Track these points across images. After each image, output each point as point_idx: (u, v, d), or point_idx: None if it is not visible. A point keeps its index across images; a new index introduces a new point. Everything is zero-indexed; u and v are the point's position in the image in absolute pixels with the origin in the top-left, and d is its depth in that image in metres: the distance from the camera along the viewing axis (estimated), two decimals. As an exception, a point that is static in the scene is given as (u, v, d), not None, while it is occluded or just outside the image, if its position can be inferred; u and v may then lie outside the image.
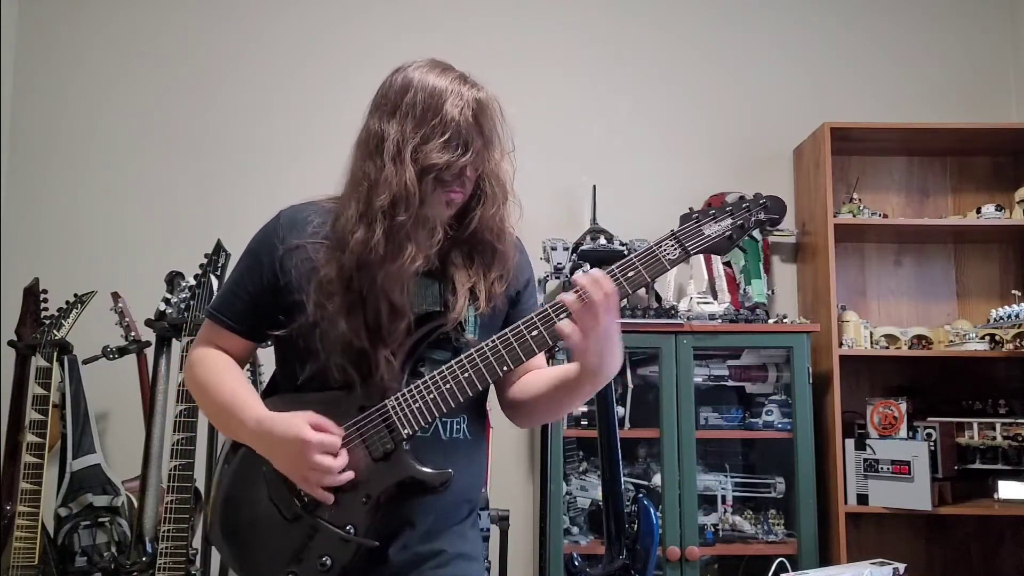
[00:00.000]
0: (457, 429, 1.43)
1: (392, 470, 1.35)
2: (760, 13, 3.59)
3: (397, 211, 1.34)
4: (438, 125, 1.35)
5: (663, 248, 1.35)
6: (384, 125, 1.38)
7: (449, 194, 1.39)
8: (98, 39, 3.50)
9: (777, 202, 1.39)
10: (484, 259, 1.45)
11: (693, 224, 1.36)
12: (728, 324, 3.04)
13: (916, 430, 3.07)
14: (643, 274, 1.35)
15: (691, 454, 2.94)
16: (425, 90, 1.37)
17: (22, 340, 2.82)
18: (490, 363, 1.35)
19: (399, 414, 1.35)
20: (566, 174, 3.43)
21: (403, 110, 1.37)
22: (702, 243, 1.36)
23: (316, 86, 3.46)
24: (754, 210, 1.38)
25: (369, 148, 1.39)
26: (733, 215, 1.37)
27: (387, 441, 1.35)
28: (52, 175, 3.43)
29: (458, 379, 1.35)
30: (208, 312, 1.50)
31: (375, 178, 1.36)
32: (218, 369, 1.45)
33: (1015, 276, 3.43)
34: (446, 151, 1.36)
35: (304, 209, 1.46)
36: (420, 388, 1.36)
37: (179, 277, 2.66)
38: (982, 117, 3.49)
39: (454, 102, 1.36)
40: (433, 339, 1.39)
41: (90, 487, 2.86)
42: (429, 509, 1.39)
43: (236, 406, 1.39)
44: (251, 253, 1.47)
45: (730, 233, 1.36)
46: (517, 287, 1.51)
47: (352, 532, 1.33)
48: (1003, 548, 3.29)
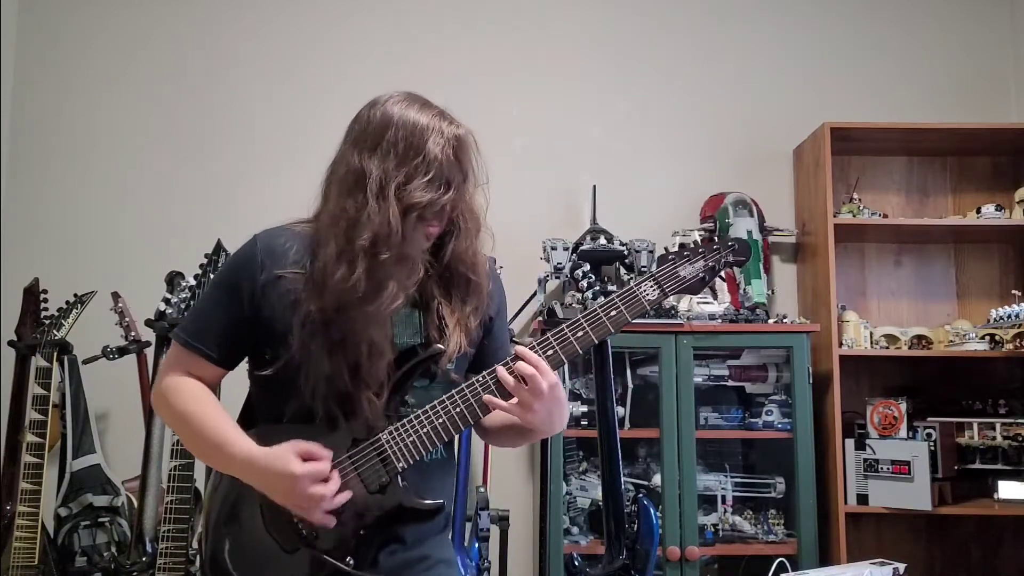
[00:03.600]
0: (437, 451, 1.46)
1: (388, 502, 1.37)
2: (760, 13, 3.59)
3: (379, 249, 1.34)
4: (421, 164, 1.36)
5: (643, 289, 1.44)
6: (365, 162, 1.37)
7: (427, 228, 1.40)
8: (98, 39, 3.50)
9: (743, 245, 1.52)
10: (459, 291, 1.47)
11: (670, 266, 1.47)
12: (728, 324, 3.04)
13: (916, 430, 3.07)
14: (624, 314, 1.43)
15: (691, 454, 2.94)
16: (406, 127, 1.38)
17: (22, 340, 2.82)
18: (480, 398, 1.38)
19: (394, 448, 1.37)
20: (566, 174, 3.44)
21: (384, 147, 1.37)
22: (678, 285, 1.47)
23: (316, 86, 3.46)
24: (724, 252, 1.49)
25: (348, 184, 1.38)
26: (705, 257, 1.48)
27: (382, 474, 1.37)
28: (52, 175, 3.43)
29: (450, 414, 1.38)
30: (180, 338, 1.45)
31: (355, 216, 1.35)
32: (197, 400, 1.42)
33: (1015, 276, 3.43)
34: (429, 189, 1.36)
35: (280, 235, 1.44)
36: (413, 422, 1.38)
37: (179, 277, 2.66)
38: (982, 117, 3.48)
39: (435, 140, 1.37)
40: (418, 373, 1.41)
41: (90, 487, 2.86)
42: (416, 527, 1.42)
43: (223, 442, 1.37)
44: (228, 280, 1.45)
45: (703, 275, 1.48)
46: (490, 313, 1.54)
47: (352, 564, 1.35)
48: (1003, 548, 3.29)
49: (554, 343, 1.40)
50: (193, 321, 1.50)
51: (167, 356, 1.49)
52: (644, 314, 1.45)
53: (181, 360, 1.45)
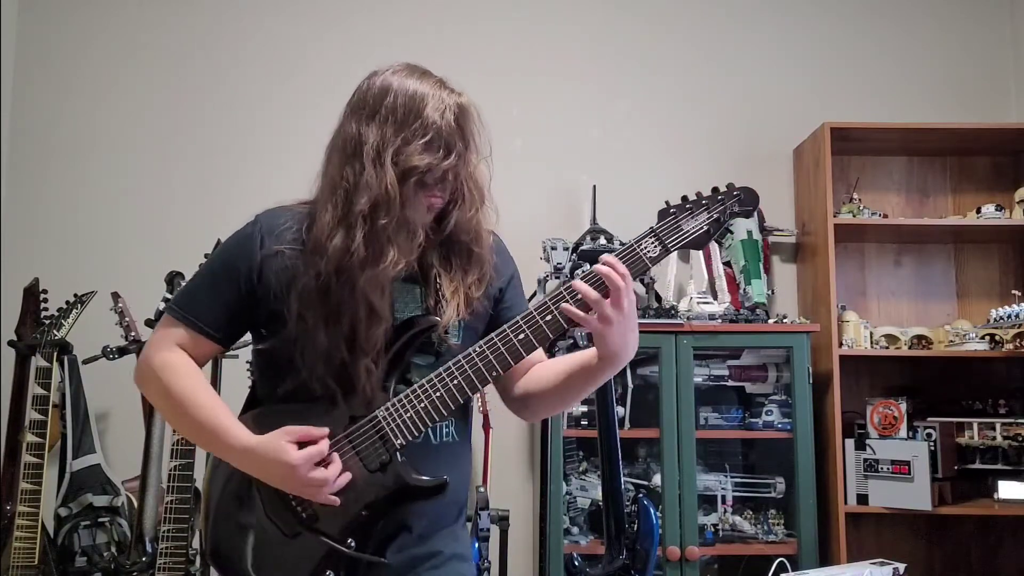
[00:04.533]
0: (447, 433, 1.44)
1: (389, 480, 1.34)
2: (760, 13, 3.59)
3: (378, 214, 1.32)
4: (419, 128, 1.35)
5: (643, 246, 1.35)
6: (363, 128, 1.36)
7: (429, 198, 1.38)
8: (98, 39, 3.50)
9: (750, 193, 1.40)
10: (461, 262, 1.44)
11: (671, 220, 1.37)
12: (728, 324, 3.04)
13: (916, 430, 3.07)
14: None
15: (691, 454, 2.94)
16: (405, 94, 1.37)
17: (22, 340, 2.82)
18: (479, 369, 1.35)
19: (391, 424, 1.34)
20: (566, 174, 3.44)
21: (383, 114, 1.36)
22: (681, 239, 1.36)
23: (315, 86, 3.45)
24: (728, 203, 1.39)
25: (347, 152, 1.37)
26: (709, 208, 1.38)
27: (382, 452, 1.34)
28: (52, 175, 3.43)
29: (448, 387, 1.35)
30: (175, 312, 1.41)
31: (354, 182, 1.34)
32: (191, 383, 1.38)
33: (1015, 276, 3.43)
34: (428, 153, 1.35)
35: (280, 215, 1.43)
36: (410, 397, 1.35)
37: (179, 277, 2.66)
38: (982, 117, 3.48)
39: (435, 106, 1.36)
40: (416, 344, 1.38)
41: (90, 487, 2.87)
42: (423, 512, 1.39)
43: (219, 429, 1.35)
44: (227, 257, 1.43)
45: (707, 228, 1.37)
46: (500, 284, 1.51)
47: (353, 545, 1.33)
48: (1003, 548, 3.29)
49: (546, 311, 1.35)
50: (188, 295, 1.46)
51: (156, 330, 1.44)
52: (645, 271, 1.36)
53: (172, 334, 1.41)
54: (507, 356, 1.35)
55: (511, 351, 1.35)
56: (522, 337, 1.35)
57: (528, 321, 1.35)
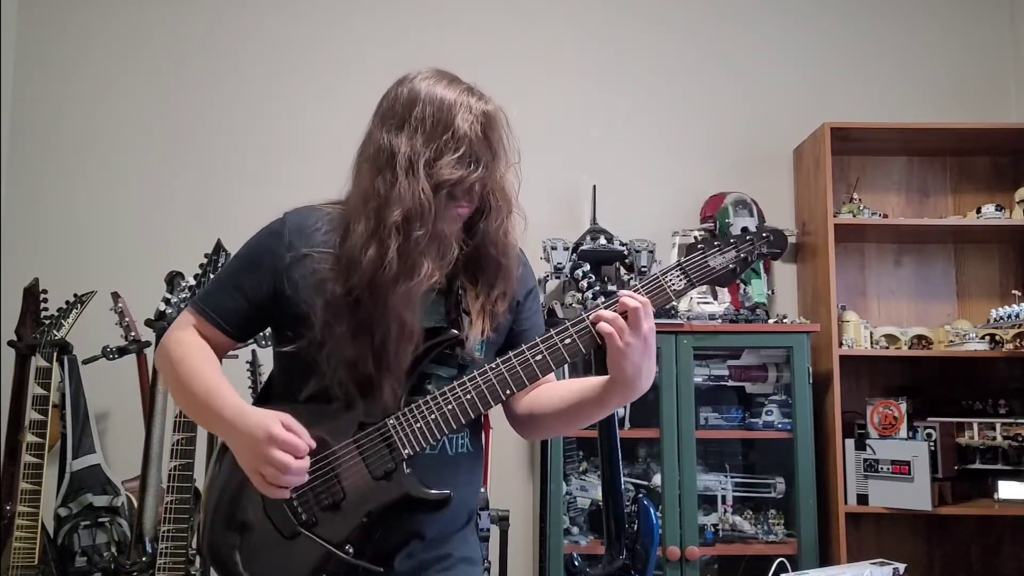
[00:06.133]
0: (462, 444, 1.43)
1: (393, 490, 1.33)
2: (760, 13, 3.59)
3: (412, 227, 1.31)
4: (450, 140, 1.34)
5: (668, 279, 1.38)
6: (393, 139, 1.35)
7: (457, 209, 1.37)
8: (98, 39, 3.50)
9: (779, 236, 1.42)
10: (488, 276, 1.43)
11: (699, 256, 1.39)
12: (728, 324, 3.04)
13: (916, 430, 3.07)
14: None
15: (691, 454, 2.94)
16: (434, 103, 1.36)
17: (22, 340, 2.82)
18: (493, 386, 1.34)
19: (399, 433, 1.34)
20: (566, 174, 3.43)
21: (412, 124, 1.35)
22: (707, 275, 1.39)
23: (315, 86, 3.46)
24: (757, 244, 1.41)
25: (379, 162, 1.35)
26: (738, 248, 1.40)
27: (388, 461, 1.33)
28: (52, 175, 3.43)
29: (460, 401, 1.34)
30: (197, 307, 1.44)
31: (386, 194, 1.32)
32: (201, 356, 1.40)
33: (1015, 276, 3.43)
34: (459, 167, 1.34)
35: (310, 215, 1.42)
36: (422, 408, 1.34)
37: (179, 277, 2.66)
38: (982, 117, 3.48)
39: (464, 116, 1.35)
40: (437, 355, 1.37)
41: (90, 487, 2.86)
42: (434, 520, 1.38)
43: (217, 395, 1.35)
44: (252, 255, 1.43)
45: (734, 267, 1.39)
46: (518, 297, 1.50)
47: (351, 551, 1.32)
48: (1003, 548, 3.29)
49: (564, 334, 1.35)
50: (211, 292, 1.47)
51: (180, 316, 1.48)
52: (668, 302, 1.38)
53: (193, 322, 1.44)
54: (523, 376, 1.35)
55: (527, 371, 1.35)
56: (539, 358, 1.35)
57: (547, 343, 1.35)
